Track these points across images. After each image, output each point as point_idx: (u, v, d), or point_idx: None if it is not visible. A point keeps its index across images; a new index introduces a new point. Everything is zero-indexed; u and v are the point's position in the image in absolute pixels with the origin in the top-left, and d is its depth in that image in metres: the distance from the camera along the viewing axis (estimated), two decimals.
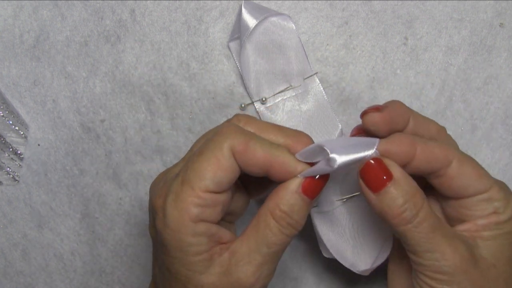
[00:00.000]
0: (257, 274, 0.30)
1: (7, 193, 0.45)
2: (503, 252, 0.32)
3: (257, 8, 0.42)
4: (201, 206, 0.30)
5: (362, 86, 0.43)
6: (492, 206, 0.32)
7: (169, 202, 0.30)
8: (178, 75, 0.44)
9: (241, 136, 0.30)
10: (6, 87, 0.45)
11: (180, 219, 0.29)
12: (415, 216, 0.30)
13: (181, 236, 0.30)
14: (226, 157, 0.30)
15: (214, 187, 0.30)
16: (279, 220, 0.30)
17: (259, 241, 0.30)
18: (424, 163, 0.31)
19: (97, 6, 0.45)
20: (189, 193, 0.29)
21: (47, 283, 0.45)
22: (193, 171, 0.30)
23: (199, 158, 0.30)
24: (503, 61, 0.43)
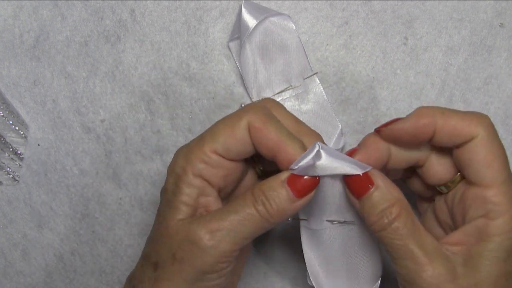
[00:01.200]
0: (212, 229, 0.31)
1: (7, 193, 0.45)
2: (489, 272, 0.30)
3: (257, 8, 0.42)
4: (205, 163, 0.32)
5: (362, 86, 0.43)
6: (485, 208, 0.31)
7: (183, 152, 0.33)
8: (178, 75, 0.44)
9: (262, 115, 0.32)
10: (6, 87, 0.45)
11: (185, 167, 0.32)
12: (391, 223, 0.31)
13: (180, 182, 0.32)
14: (241, 129, 0.32)
15: (222, 151, 0.32)
16: (255, 195, 0.31)
17: (230, 207, 0.32)
18: (446, 137, 0.32)
19: (97, 6, 0.45)
20: (199, 149, 0.32)
21: (47, 283, 0.45)
22: (210, 131, 0.33)
23: (219, 122, 0.33)
24: (503, 61, 0.43)
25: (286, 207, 0.32)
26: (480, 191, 0.31)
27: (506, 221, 0.30)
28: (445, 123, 0.31)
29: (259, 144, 0.32)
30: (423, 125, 0.32)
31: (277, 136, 0.32)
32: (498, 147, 0.31)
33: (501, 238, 0.30)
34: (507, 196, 0.30)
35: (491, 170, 0.31)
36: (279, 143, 0.32)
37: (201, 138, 0.33)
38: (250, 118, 0.32)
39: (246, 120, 0.32)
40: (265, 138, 0.32)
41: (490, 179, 0.31)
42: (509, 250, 0.30)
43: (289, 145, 0.32)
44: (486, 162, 0.31)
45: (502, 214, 0.30)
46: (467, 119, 0.31)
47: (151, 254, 0.33)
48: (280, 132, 0.32)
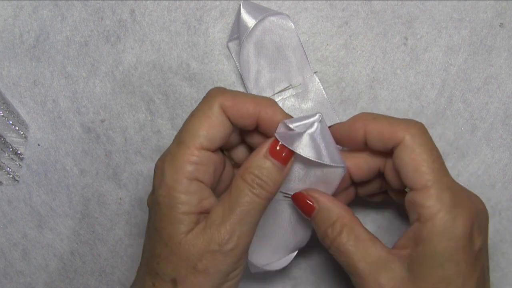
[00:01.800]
0: (230, 231, 0.31)
1: (7, 193, 0.45)
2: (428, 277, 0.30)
3: (256, 8, 0.42)
4: (195, 163, 0.31)
5: (362, 86, 0.43)
6: (415, 212, 0.31)
7: (167, 162, 0.32)
8: (178, 75, 0.44)
9: (228, 93, 0.33)
10: (6, 87, 0.45)
11: (176, 176, 0.31)
12: (333, 241, 0.33)
13: (175, 193, 0.31)
14: (216, 114, 0.32)
15: (207, 143, 0.32)
16: (249, 181, 0.32)
17: (232, 202, 0.32)
18: (376, 140, 0.33)
19: (97, 6, 0.45)
20: (184, 151, 0.31)
21: (47, 283, 0.45)
22: (186, 131, 0.32)
23: (191, 119, 0.33)
24: (503, 61, 0.43)
25: (278, 177, 0.32)
26: (412, 194, 0.31)
27: (435, 224, 0.30)
28: (374, 127, 0.33)
29: (239, 118, 0.33)
30: (355, 128, 0.33)
31: (252, 103, 0.33)
32: (427, 150, 0.31)
33: (433, 242, 0.30)
34: (436, 198, 0.30)
35: (418, 173, 0.30)
36: (257, 108, 0.33)
37: (180, 141, 0.32)
38: (219, 100, 0.32)
39: (217, 104, 0.32)
40: (243, 109, 0.32)
41: (418, 183, 0.30)
42: (444, 254, 0.29)
43: (267, 104, 0.33)
44: (412, 166, 0.31)
45: (432, 217, 0.30)
46: (395, 125, 0.32)
47: (166, 273, 0.32)
48: (253, 98, 0.33)
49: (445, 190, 0.30)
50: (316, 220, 0.34)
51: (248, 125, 0.33)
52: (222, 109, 0.32)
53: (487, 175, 0.43)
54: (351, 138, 0.34)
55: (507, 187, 0.43)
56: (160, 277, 0.32)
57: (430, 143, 0.32)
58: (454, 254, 0.30)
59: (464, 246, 0.30)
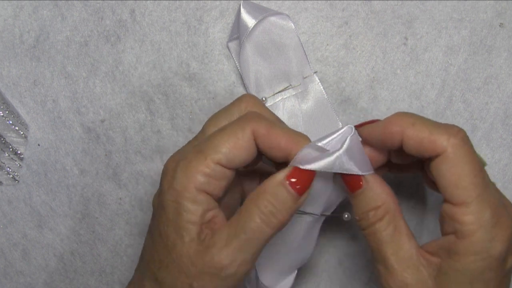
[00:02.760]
0: (230, 258, 0.30)
1: (7, 193, 0.45)
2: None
3: (256, 8, 0.42)
4: (208, 176, 0.31)
5: (362, 86, 0.43)
6: (453, 226, 0.30)
7: (180, 166, 0.31)
8: (178, 75, 0.44)
9: (264, 121, 0.32)
10: (6, 87, 0.45)
11: (186, 183, 0.31)
12: (372, 225, 0.32)
13: (182, 199, 0.31)
14: (246, 138, 0.31)
15: (226, 162, 0.31)
16: (261, 207, 0.31)
17: (239, 227, 0.31)
18: (413, 149, 0.31)
19: (97, 6, 0.45)
20: (200, 161, 0.31)
21: (47, 283, 0.45)
22: (210, 143, 0.31)
23: (219, 133, 0.32)
24: (503, 61, 0.43)
25: (292, 208, 0.31)
26: (450, 208, 0.30)
27: (473, 242, 0.29)
28: (413, 134, 0.31)
29: (271, 149, 0.32)
30: (390, 133, 0.31)
31: (286, 136, 0.32)
32: (468, 163, 0.30)
33: (467, 260, 0.29)
34: (476, 216, 0.29)
35: (458, 189, 0.29)
36: (290, 142, 0.31)
37: (200, 150, 0.31)
38: (254, 126, 0.31)
39: (250, 129, 0.31)
40: (275, 141, 0.31)
41: (458, 198, 0.29)
42: (475, 273, 0.29)
43: (301, 141, 0.32)
44: (453, 181, 0.30)
45: (470, 234, 0.29)
46: (435, 133, 0.30)
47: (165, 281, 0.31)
48: (288, 132, 0.32)
49: (486, 207, 0.29)
50: (359, 199, 0.32)
51: (277, 157, 0.32)
52: (254, 135, 0.31)
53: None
54: (384, 142, 0.32)
55: (507, 187, 0.43)
56: (158, 283, 0.31)
57: (472, 155, 0.30)
58: (486, 274, 0.29)
59: (497, 266, 0.29)
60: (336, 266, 0.44)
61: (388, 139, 0.32)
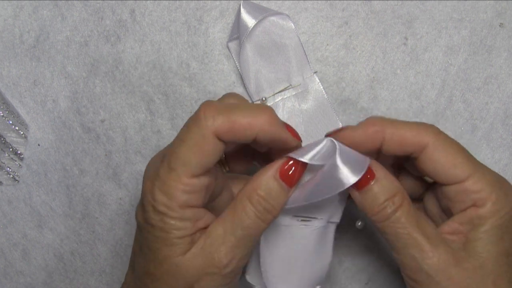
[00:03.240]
0: (230, 255, 0.31)
1: (7, 193, 0.45)
2: (490, 251, 0.31)
3: (256, 8, 0.42)
4: (188, 192, 0.30)
5: (362, 86, 0.43)
6: (470, 199, 0.32)
7: (157, 187, 0.30)
8: (178, 75, 0.44)
9: (222, 115, 0.30)
10: (6, 87, 0.45)
11: (169, 204, 0.30)
12: (394, 212, 0.31)
13: (169, 220, 0.30)
14: (209, 143, 0.30)
15: (200, 171, 0.30)
16: (255, 204, 0.31)
17: (235, 224, 0.31)
18: (396, 146, 0.32)
19: (97, 6, 0.45)
20: (176, 180, 0.30)
21: (47, 283, 0.45)
22: (177, 158, 0.30)
23: (182, 146, 0.30)
24: (503, 61, 0.43)
25: (284, 200, 0.32)
26: (458, 187, 0.32)
27: (493, 203, 0.31)
28: (394, 132, 0.32)
29: (238, 139, 0.31)
30: (372, 133, 0.32)
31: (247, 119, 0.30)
32: (453, 145, 0.32)
33: (494, 219, 0.31)
34: (485, 180, 0.31)
35: (458, 167, 0.31)
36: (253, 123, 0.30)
37: (171, 167, 0.30)
38: (213, 128, 0.30)
39: (211, 132, 0.30)
40: (239, 131, 0.30)
41: (463, 175, 0.31)
42: (502, 228, 0.31)
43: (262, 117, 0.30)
44: (449, 164, 0.31)
45: (489, 197, 0.31)
46: (415, 129, 0.32)
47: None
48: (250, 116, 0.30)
49: (488, 172, 0.32)
50: (374, 191, 0.32)
51: (245, 142, 0.32)
52: (217, 134, 0.30)
53: None
54: (364, 143, 0.32)
55: None
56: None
57: (450, 138, 0.32)
58: (510, 226, 0.31)
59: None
60: (336, 266, 0.44)
61: (369, 140, 0.32)
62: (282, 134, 0.32)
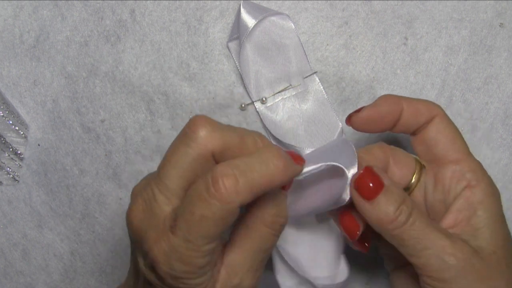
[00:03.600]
0: (256, 277, 0.31)
1: (7, 193, 0.45)
2: (497, 236, 0.32)
3: (256, 8, 0.42)
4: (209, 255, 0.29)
5: (362, 86, 0.43)
6: (466, 178, 0.33)
7: (174, 259, 0.28)
8: (178, 75, 0.44)
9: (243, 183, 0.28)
10: (6, 87, 0.45)
11: (189, 270, 0.28)
12: (409, 216, 0.31)
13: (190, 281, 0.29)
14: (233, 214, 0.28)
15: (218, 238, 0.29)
16: (272, 226, 0.31)
17: (255, 250, 0.30)
18: (412, 117, 0.35)
19: (97, 6, 0.45)
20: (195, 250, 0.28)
21: (47, 283, 0.45)
22: (197, 233, 0.28)
23: (203, 222, 0.27)
24: (503, 61, 0.43)
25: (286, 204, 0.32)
26: (454, 166, 0.33)
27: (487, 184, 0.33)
28: (410, 105, 0.35)
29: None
30: (392, 104, 0.35)
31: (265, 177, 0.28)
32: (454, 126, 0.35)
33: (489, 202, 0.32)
34: (477, 164, 0.34)
35: (457, 143, 0.34)
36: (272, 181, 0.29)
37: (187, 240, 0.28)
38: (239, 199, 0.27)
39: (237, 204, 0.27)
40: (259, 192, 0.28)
41: (459, 152, 0.34)
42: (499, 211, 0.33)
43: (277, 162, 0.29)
44: (451, 138, 0.34)
45: (481, 179, 0.33)
46: (424, 103, 0.35)
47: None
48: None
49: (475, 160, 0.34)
50: (384, 200, 0.31)
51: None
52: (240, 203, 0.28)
53: None
54: (386, 116, 0.34)
55: (507, 187, 0.43)
56: None
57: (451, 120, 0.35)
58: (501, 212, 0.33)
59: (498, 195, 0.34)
60: None
61: (391, 112, 0.34)
62: (295, 173, 0.31)
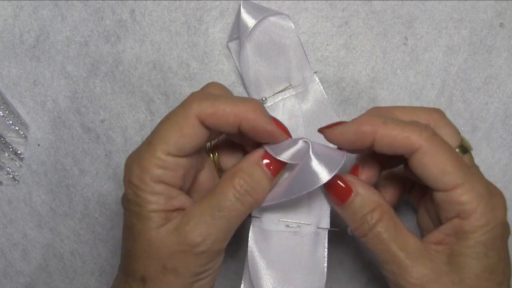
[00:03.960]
0: (204, 234, 0.31)
1: (7, 193, 0.45)
2: (472, 267, 0.30)
3: (256, 8, 0.42)
4: (162, 168, 0.31)
5: (362, 86, 0.43)
6: (454, 209, 0.31)
7: (134, 161, 0.32)
8: (178, 75, 0.44)
9: (208, 101, 0.31)
10: (6, 87, 0.45)
11: (142, 177, 0.31)
12: (373, 227, 0.31)
13: (141, 193, 0.31)
14: (190, 125, 0.31)
15: (176, 151, 0.31)
16: (236, 185, 0.31)
17: (213, 204, 0.31)
18: (386, 147, 0.31)
19: (97, 6, 0.45)
20: (151, 154, 0.31)
21: (47, 283, 0.45)
22: (157, 135, 0.32)
23: (164, 124, 0.32)
24: (503, 61, 0.43)
25: (267, 187, 0.32)
26: (445, 195, 0.31)
27: (478, 218, 0.30)
28: (385, 133, 0.31)
29: (220, 126, 0.31)
30: (363, 132, 0.31)
31: (232, 109, 0.31)
32: (447, 151, 0.31)
33: (477, 234, 0.30)
34: (472, 192, 0.30)
35: (447, 175, 0.30)
36: (237, 116, 0.31)
37: (150, 143, 0.32)
38: (198, 110, 0.31)
39: (193, 114, 0.31)
40: (223, 119, 0.31)
41: (450, 183, 0.30)
42: (487, 244, 0.30)
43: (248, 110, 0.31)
44: (438, 171, 0.30)
45: (473, 210, 0.30)
46: (407, 130, 0.31)
47: (136, 270, 0.32)
48: (233, 103, 0.31)
49: (477, 183, 0.31)
50: (353, 206, 0.32)
51: (230, 132, 0.32)
52: (200, 118, 0.31)
53: (487, 175, 0.42)
54: (355, 142, 0.32)
55: (507, 187, 0.43)
56: (131, 274, 0.32)
57: (446, 143, 0.31)
58: (496, 243, 0.30)
59: (503, 232, 0.31)
60: (336, 266, 0.44)
61: (360, 139, 0.32)
62: (267, 126, 0.32)
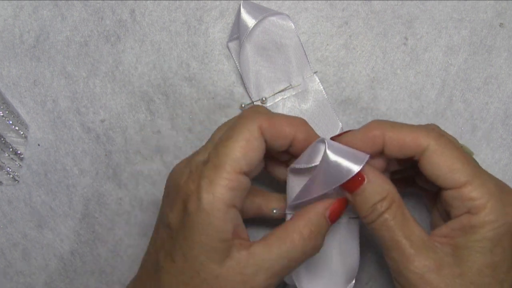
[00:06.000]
0: (269, 281, 0.31)
1: (7, 193, 0.45)
2: (475, 261, 0.31)
3: (256, 8, 0.42)
4: (234, 189, 0.31)
5: (362, 86, 0.43)
6: (465, 206, 0.31)
7: (203, 187, 0.30)
8: (178, 75, 0.44)
9: (265, 114, 0.33)
10: (6, 87, 0.45)
11: (215, 203, 0.30)
12: (381, 215, 0.32)
13: (213, 220, 0.30)
14: (256, 137, 0.31)
15: (247, 168, 0.31)
16: (306, 240, 0.32)
17: (282, 254, 0.31)
18: (396, 149, 0.32)
19: (97, 6, 0.45)
20: (223, 177, 0.30)
21: (47, 283, 0.45)
22: (224, 155, 0.31)
23: (228, 142, 0.31)
24: (503, 61, 0.43)
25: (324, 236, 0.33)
26: (455, 192, 0.32)
27: (487, 213, 0.31)
28: (394, 136, 0.32)
29: (276, 139, 0.32)
30: (372, 137, 0.33)
31: (288, 123, 0.33)
32: (455, 149, 0.32)
33: (485, 230, 0.31)
34: (483, 189, 0.31)
35: (456, 173, 0.31)
36: (293, 128, 0.32)
37: (217, 165, 0.31)
38: (258, 122, 0.32)
39: (255, 126, 0.32)
40: (280, 131, 0.32)
41: (460, 181, 0.31)
42: (494, 240, 0.31)
43: (299, 123, 0.33)
44: (447, 169, 0.31)
45: (482, 207, 0.31)
46: (415, 131, 0.32)
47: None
48: (287, 119, 0.33)
49: (487, 180, 0.31)
50: (363, 195, 0.32)
51: (283, 146, 0.33)
52: (261, 130, 0.32)
53: None
54: (365, 147, 0.33)
55: None
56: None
57: (451, 142, 0.32)
58: (503, 240, 0.31)
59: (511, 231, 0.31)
60: None
61: (369, 144, 0.33)
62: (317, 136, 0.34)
